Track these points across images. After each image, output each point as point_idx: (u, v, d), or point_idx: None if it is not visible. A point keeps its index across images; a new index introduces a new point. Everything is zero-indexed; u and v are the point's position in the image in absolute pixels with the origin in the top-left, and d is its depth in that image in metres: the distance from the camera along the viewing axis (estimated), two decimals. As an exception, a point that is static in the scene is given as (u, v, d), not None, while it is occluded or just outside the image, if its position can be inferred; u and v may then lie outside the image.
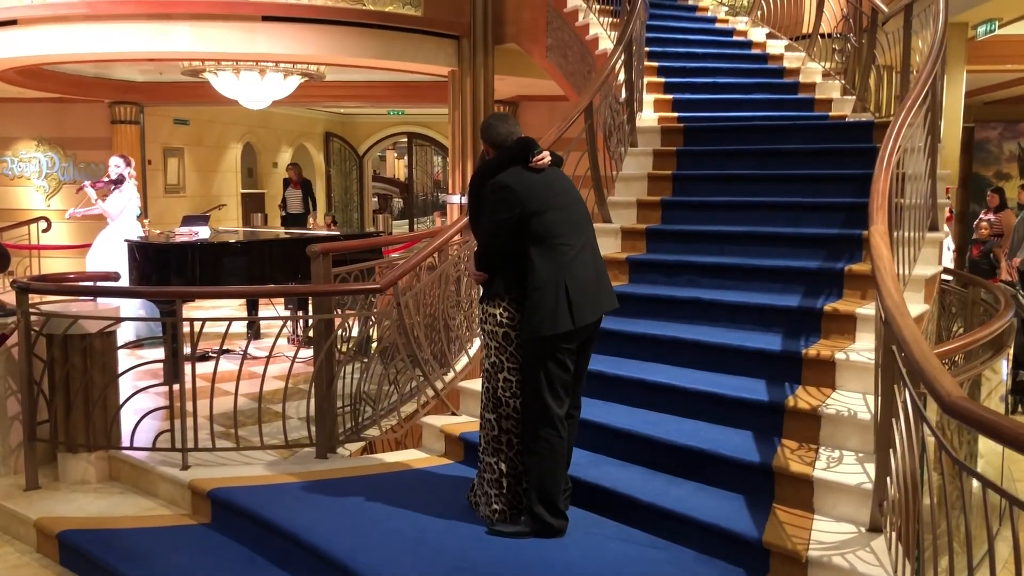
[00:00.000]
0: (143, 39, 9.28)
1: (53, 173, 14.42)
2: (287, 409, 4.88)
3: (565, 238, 3.60)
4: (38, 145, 14.36)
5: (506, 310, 3.69)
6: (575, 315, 3.54)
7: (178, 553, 4.00)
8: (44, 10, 9.31)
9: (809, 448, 3.86)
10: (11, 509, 4.53)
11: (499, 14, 10.39)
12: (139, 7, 9.08)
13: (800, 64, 7.82)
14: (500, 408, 3.73)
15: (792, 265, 5.02)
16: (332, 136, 20.34)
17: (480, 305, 3.83)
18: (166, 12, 9.11)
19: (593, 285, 3.67)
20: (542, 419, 3.59)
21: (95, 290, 5.40)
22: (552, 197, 3.62)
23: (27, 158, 14.38)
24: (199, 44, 9.36)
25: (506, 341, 3.69)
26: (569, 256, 3.59)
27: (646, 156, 6.47)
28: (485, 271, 3.73)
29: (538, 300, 3.54)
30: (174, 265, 7.47)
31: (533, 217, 3.55)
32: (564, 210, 3.65)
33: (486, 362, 3.78)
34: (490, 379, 3.76)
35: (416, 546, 3.60)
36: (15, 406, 4.96)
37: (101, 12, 9.15)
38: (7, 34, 9.67)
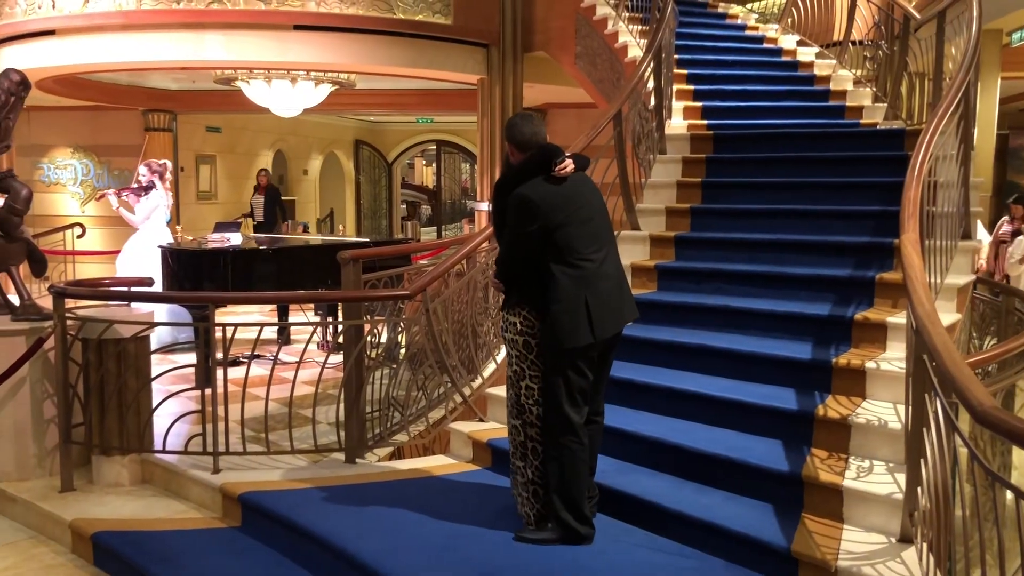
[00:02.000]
0: (177, 48, 9.41)
1: (88, 180, 14.64)
2: (317, 414, 4.92)
3: (587, 252, 3.58)
4: (73, 152, 14.59)
5: (526, 319, 3.69)
6: (596, 329, 3.54)
7: (209, 556, 4.05)
8: (81, 20, 9.47)
9: (839, 458, 3.83)
10: (47, 510, 4.61)
11: (528, 22, 10.43)
12: (173, 17, 9.22)
13: (831, 71, 7.77)
14: (524, 415, 3.74)
15: (822, 273, 4.99)
16: (362, 144, 20.48)
17: (501, 313, 3.84)
18: (199, 21, 9.24)
19: (615, 298, 3.67)
20: (562, 427, 3.60)
21: (129, 295, 5.48)
22: (575, 210, 3.59)
23: (63, 165, 14.61)
24: (232, 53, 9.48)
25: (526, 349, 3.70)
26: (591, 270, 3.58)
27: (675, 163, 6.46)
28: (505, 280, 3.74)
29: (558, 313, 3.54)
30: (207, 271, 7.56)
31: (555, 231, 3.53)
32: (588, 223, 3.62)
33: (509, 370, 3.80)
34: (513, 386, 3.78)
35: (444, 552, 3.61)
36: (51, 409, 5.05)
37: (136, 22, 9.29)
38: (45, 44, 9.86)
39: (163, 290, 7.57)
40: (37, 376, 5.03)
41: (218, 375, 4.72)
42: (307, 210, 18.74)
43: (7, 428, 4.99)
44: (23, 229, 5.40)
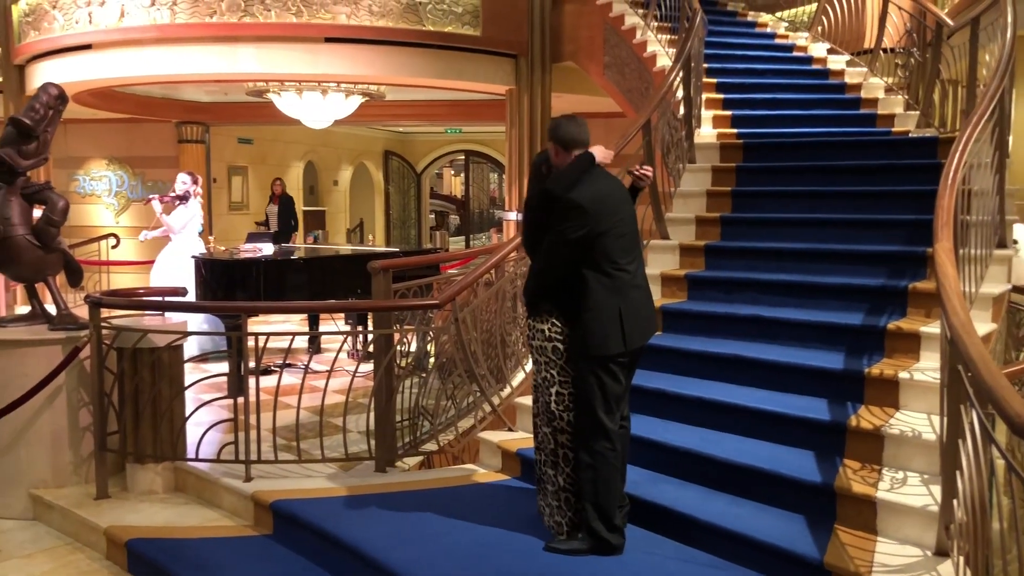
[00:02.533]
0: (210, 61, 9.54)
1: (122, 191, 14.87)
2: (347, 423, 4.95)
3: (623, 262, 3.61)
4: (108, 164, 14.82)
5: (554, 325, 3.70)
6: (627, 338, 3.57)
7: (241, 564, 4.08)
8: (117, 34, 9.63)
9: (872, 469, 3.79)
10: (82, 517, 4.67)
11: (557, 33, 10.46)
12: (207, 30, 9.34)
13: (862, 79, 7.72)
14: (554, 422, 3.74)
15: (854, 283, 4.95)
16: (391, 154, 20.61)
17: (527, 321, 3.84)
18: (232, 35, 9.35)
19: (645, 308, 3.72)
20: (596, 433, 3.60)
21: (163, 305, 5.55)
22: (617, 221, 3.61)
23: (98, 176, 14.85)
24: (264, 65, 9.59)
25: (556, 355, 3.71)
26: (625, 280, 3.61)
27: (705, 172, 6.44)
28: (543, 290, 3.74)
29: (591, 321, 3.56)
30: (239, 281, 7.64)
31: (597, 238, 3.55)
32: (626, 235, 3.65)
33: (537, 377, 3.80)
34: (542, 393, 3.77)
35: (474, 562, 3.62)
36: (87, 417, 5.12)
37: (170, 35, 9.43)
38: (82, 58, 10.04)
39: (196, 300, 7.65)
40: (73, 385, 5.11)
41: (250, 384, 4.77)
42: (337, 220, 18.89)
43: (44, 436, 5.06)
44: (60, 240, 5.49)
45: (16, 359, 5.03)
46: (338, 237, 18.19)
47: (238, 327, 4.95)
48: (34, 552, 4.57)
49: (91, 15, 9.74)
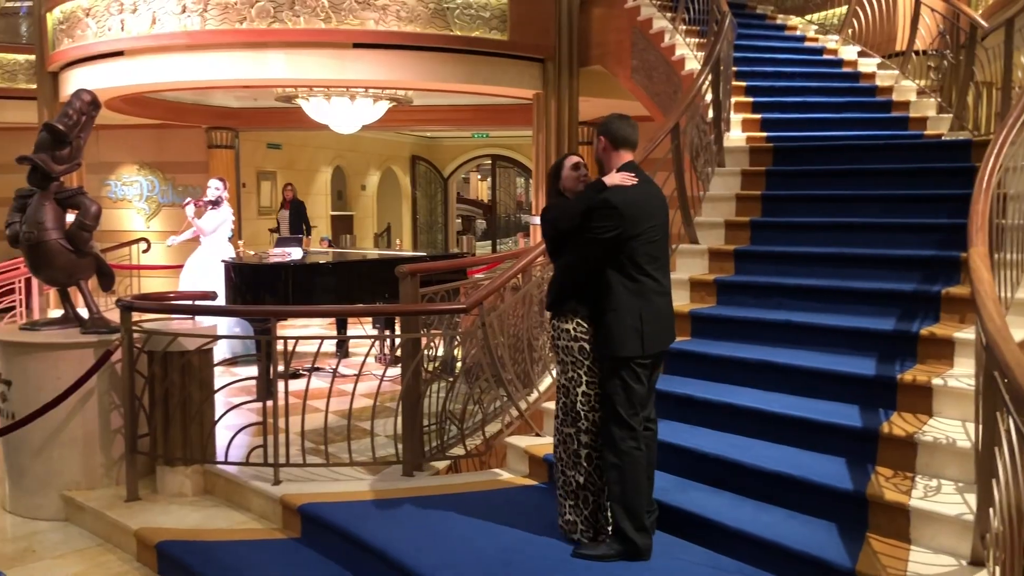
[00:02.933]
0: (240, 67, 9.62)
1: (153, 196, 15.02)
2: (375, 427, 4.96)
3: (650, 268, 3.63)
4: (139, 169, 14.99)
5: (579, 324, 3.72)
6: (646, 342, 3.58)
7: (269, 567, 4.10)
8: (148, 41, 9.75)
9: (905, 476, 3.74)
10: (113, 519, 4.72)
11: (584, 37, 10.44)
12: (236, 36, 9.43)
13: (893, 82, 7.64)
14: (579, 422, 3.75)
15: (886, 288, 4.89)
16: (418, 159, 20.68)
17: (552, 322, 3.84)
18: (262, 41, 9.43)
19: (667, 315, 3.73)
20: (622, 433, 3.60)
21: (193, 309, 5.60)
22: (649, 227, 3.62)
23: (129, 181, 15.02)
24: (293, 71, 9.66)
25: (582, 355, 3.71)
26: (649, 286, 3.63)
27: (734, 176, 6.39)
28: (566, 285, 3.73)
29: (613, 322, 3.59)
30: (268, 285, 7.68)
31: (627, 242, 3.56)
32: (656, 241, 3.66)
33: (562, 378, 3.82)
34: (568, 394, 3.78)
35: (502, 567, 3.61)
36: (118, 420, 5.17)
37: (201, 42, 9.52)
38: (114, 65, 10.17)
39: (226, 304, 7.70)
40: (105, 388, 5.16)
41: (279, 387, 4.79)
42: (365, 225, 18.98)
43: (76, 438, 5.12)
44: (92, 244, 5.55)
45: (49, 362, 5.09)
46: (366, 242, 18.27)
47: (267, 331, 4.97)
48: (66, 553, 4.62)
49: (123, 22, 9.87)
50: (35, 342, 5.21)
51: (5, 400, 5.24)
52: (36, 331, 5.42)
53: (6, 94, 12.84)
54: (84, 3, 10.30)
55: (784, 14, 10.39)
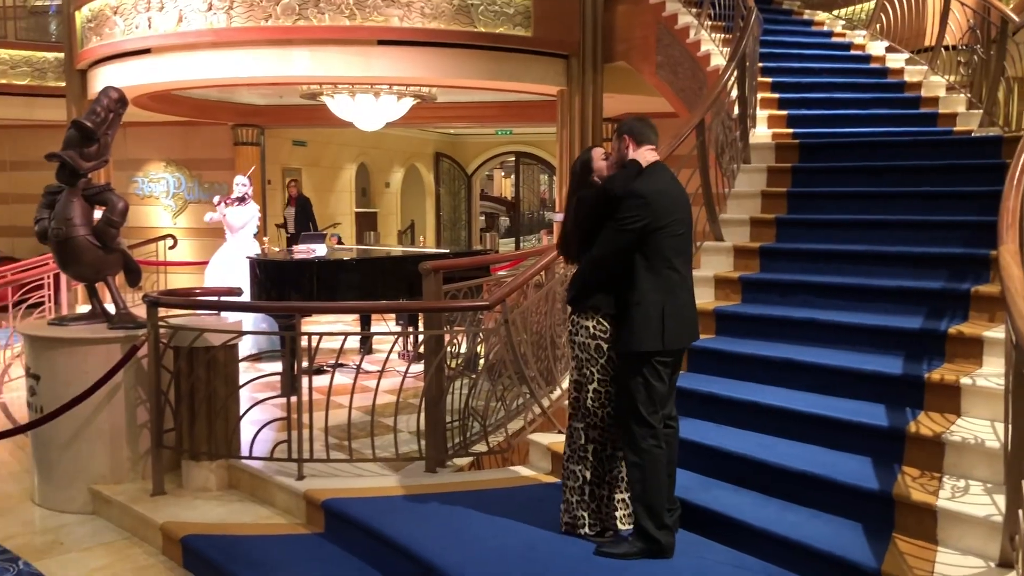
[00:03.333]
0: (265, 64, 9.68)
1: (180, 193, 15.16)
2: (398, 423, 4.97)
3: (676, 263, 3.63)
4: (166, 166, 15.13)
5: (599, 323, 3.71)
6: (666, 337, 3.57)
7: (293, 561, 4.12)
8: (175, 39, 9.83)
9: (932, 476, 3.70)
10: (139, 512, 4.76)
11: (609, 33, 10.40)
12: (262, 34, 9.48)
13: (922, 78, 7.55)
14: (588, 418, 3.75)
15: (913, 286, 4.84)
16: (442, 156, 20.72)
17: (571, 317, 3.84)
18: (287, 38, 9.49)
19: (689, 311, 3.72)
20: (642, 431, 3.59)
21: (219, 304, 5.64)
22: (673, 221, 3.61)
23: (156, 178, 15.16)
24: (318, 68, 9.70)
25: (597, 353, 3.71)
26: (674, 280, 3.62)
27: (760, 173, 6.35)
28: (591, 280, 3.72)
29: (637, 316, 3.58)
30: (292, 281, 7.73)
31: (652, 234, 3.55)
32: (681, 237, 3.66)
33: (575, 373, 3.82)
34: (579, 390, 3.78)
35: (524, 564, 3.61)
36: (144, 415, 5.22)
37: (226, 39, 9.59)
38: (142, 63, 10.26)
39: (251, 300, 7.75)
40: (131, 382, 5.21)
41: (303, 383, 4.81)
42: (388, 222, 19.04)
43: (103, 432, 5.17)
44: (119, 240, 5.60)
45: (77, 357, 5.15)
46: (389, 238, 18.33)
47: (291, 327, 4.99)
48: (93, 546, 4.67)
49: (150, 20, 9.96)
50: (63, 337, 5.26)
51: (34, 394, 5.30)
52: (64, 326, 5.48)
53: (36, 92, 13.01)
54: (112, 1, 10.40)
55: (811, 9, 10.29)
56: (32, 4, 14.69)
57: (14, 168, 15.17)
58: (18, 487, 5.60)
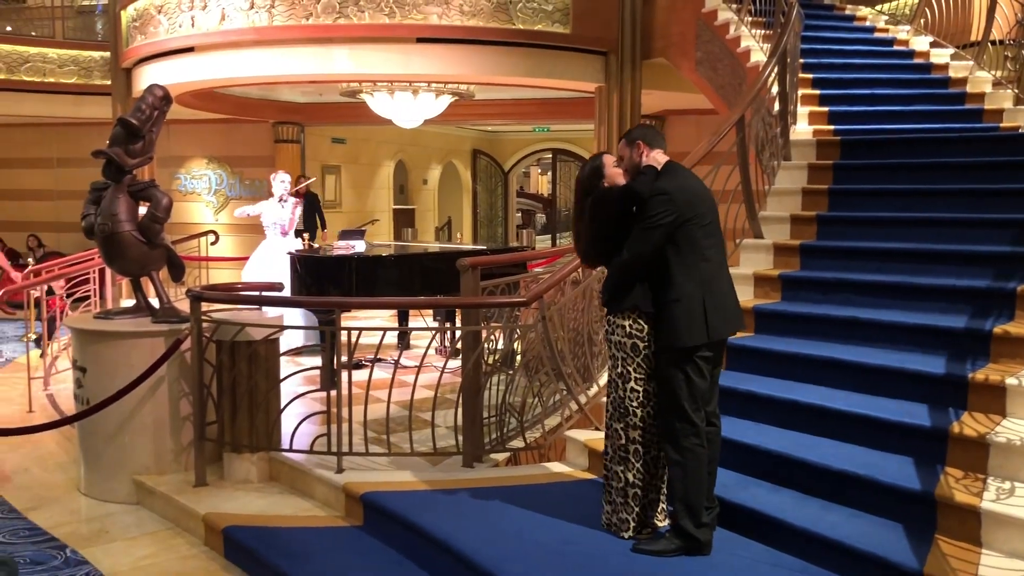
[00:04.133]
0: (306, 62, 9.77)
1: (221, 189, 15.34)
2: (435, 418, 5.01)
3: (708, 252, 3.64)
4: (208, 163, 15.32)
5: (636, 321, 3.71)
6: (710, 329, 3.57)
7: (332, 554, 4.17)
8: (218, 37, 9.95)
9: (976, 478, 3.64)
10: (182, 503, 4.85)
11: (647, 29, 10.35)
12: (303, 32, 9.57)
13: (967, 73, 7.42)
14: (627, 418, 3.74)
15: (957, 284, 4.76)
16: (479, 153, 20.76)
17: (607, 316, 3.83)
18: (327, 36, 9.55)
19: (730, 300, 3.74)
20: (684, 429, 3.58)
21: (261, 299, 5.71)
22: (699, 212, 3.63)
23: (198, 175, 15.36)
24: (357, 66, 9.76)
25: (634, 351, 3.71)
26: (709, 271, 3.63)
27: (800, 170, 6.29)
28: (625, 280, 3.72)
29: (678, 312, 3.58)
30: (332, 277, 7.80)
31: (682, 226, 3.57)
32: (709, 224, 3.68)
33: (613, 372, 3.81)
34: (617, 389, 3.78)
35: (560, 560, 3.61)
36: (187, 407, 5.31)
37: (268, 38, 9.69)
38: (185, 61, 10.41)
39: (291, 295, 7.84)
40: (175, 376, 5.30)
41: (342, 378, 4.86)
42: (426, 219, 19.13)
43: (147, 424, 5.27)
44: (163, 236, 5.69)
45: (122, 350, 5.25)
46: (427, 235, 18.41)
47: (331, 322, 5.04)
48: (138, 536, 4.77)
49: (194, 19, 10.09)
50: (109, 331, 5.37)
51: (81, 386, 5.41)
52: (109, 320, 5.59)
53: (82, 90, 13.25)
54: (157, 0, 10.55)
55: (853, 4, 10.16)
56: (79, 4, 14.97)
57: (61, 165, 15.48)
58: (65, 477, 5.73)
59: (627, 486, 3.76)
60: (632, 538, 3.75)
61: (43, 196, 15.50)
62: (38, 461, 6.10)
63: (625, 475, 3.76)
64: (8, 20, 14.91)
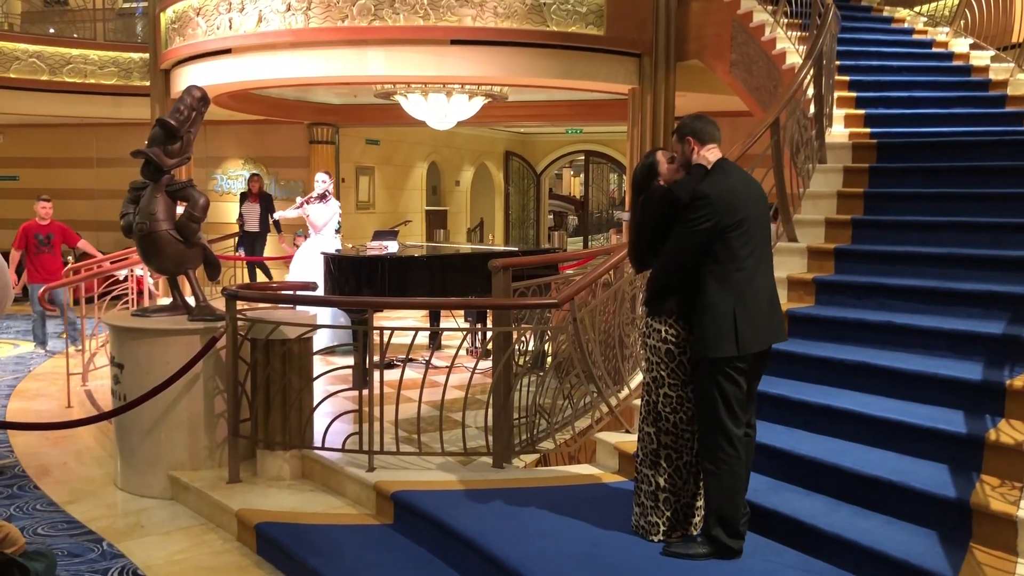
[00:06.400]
0: (341, 64, 9.85)
1: (256, 190, 15.50)
2: (466, 418, 5.03)
3: (749, 262, 3.54)
4: (244, 163, 15.50)
5: (672, 326, 3.67)
6: (740, 343, 3.49)
7: (363, 551, 4.21)
8: (255, 39, 10.07)
9: (1013, 486, 3.59)
10: (216, 499, 4.91)
11: (682, 31, 10.31)
12: (338, 34, 9.65)
13: (1008, 75, 7.31)
14: (660, 423, 3.72)
15: (995, 290, 4.70)
16: (512, 155, 20.79)
17: (644, 319, 3.81)
18: (362, 38, 9.63)
19: (764, 315, 3.59)
20: (720, 439, 3.54)
21: (295, 298, 5.77)
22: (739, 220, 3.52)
23: (234, 175, 15.55)
24: (392, 68, 9.83)
25: (668, 357, 3.68)
26: (742, 282, 3.53)
27: (836, 173, 6.23)
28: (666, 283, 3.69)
29: (706, 322, 3.52)
30: (365, 277, 7.85)
31: (722, 232, 3.50)
32: (754, 236, 3.57)
33: (647, 376, 3.79)
34: (650, 393, 3.75)
35: (589, 561, 3.61)
36: (221, 404, 5.37)
37: (304, 40, 9.78)
38: (222, 62, 10.54)
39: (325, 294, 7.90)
40: (210, 373, 5.36)
41: (374, 377, 4.89)
42: (458, 220, 19.20)
43: (183, 420, 5.34)
44: (200, 235, 5.76)
45: (159, 347, 5.33)
46: (459, 236, 18.48)
47: (364, 321, 5.08)
48: (172, 530, 4.83)
49: (231, 21, 10.22)
50: (146, 328, 5.45)
51: (118, 382, 5.50)
52: (146, 317, 5.67)
53: (122, 91, 13.46)
54: (195, 3, 10.70)
55: (891, 6, 10.05)
56: (120, 6, 15.21)
57: (100, 165, 15.75)
58: (102, 471, 5.83)
59: (658, 490, 3.74)
60: (661, 541, 3.74)
61: (83, 195, 15.76)
62: (76, 456, 6.21)
63: (656, 479, 3.75)
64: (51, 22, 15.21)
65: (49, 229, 9.99)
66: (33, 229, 9.92)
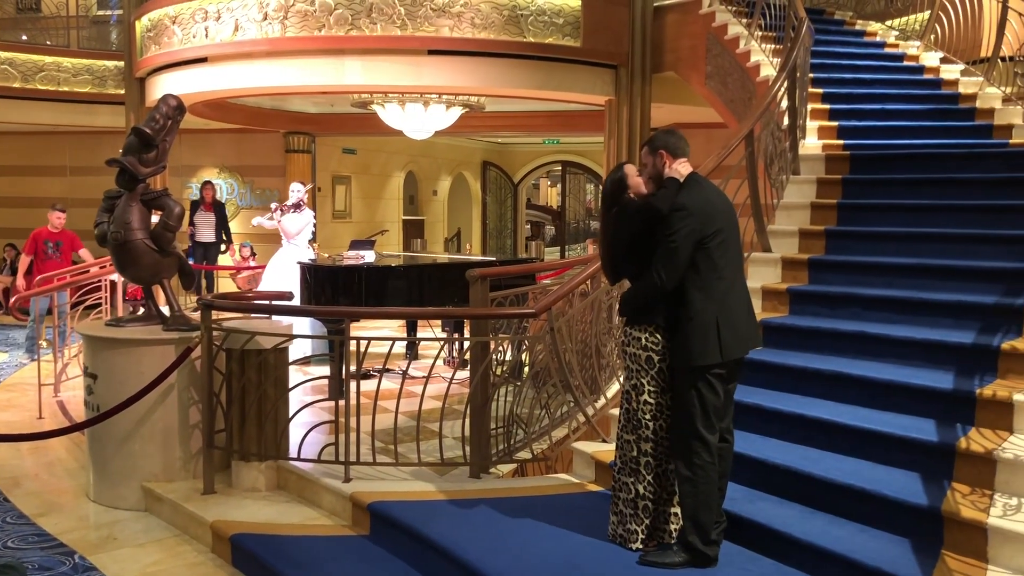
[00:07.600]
0: (318, 73, 9.83)
1: (232, 199, 15.44)
2: (443, 428, 5.02)
3: (724, 270, 3.61)
4: (220, 172, 15.42)
5: (652, 335, 3.71)
6: (724, 349, 3.55)
7: (339, 563, 4.18)
8: (231, 48, 10.03)
9: (983, 494, 3.64)
10: (190, 511, 4.86)
11: (658, 43, 10.40)
12: (315, 43, 9.64)
13: (977, 89, 7.43)
14: (639, 430, 3.75)
15: (966, 300, 4.76)
16: (489, 165, 20.83)
17: (624, 328, 3.84)
18: (339, 48, 9.62)
19: (744, 320, 3.69)
20: (696, 446, 3.57)
21: (270, 308, 5.74)
22: (717, 230, 3.59)
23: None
24: (369, 77, 9.83)
25: (648, 365, 3.71)
26: (723, 290, 3.61)
27: (809, 184, 6.30)
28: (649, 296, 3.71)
29: (691, 331, 3.57)
30: (342, 286, 7.83)
31: (701, 242, 3.55)
32: (729, 246, 3.65)
33: (627, 384, 3.82)
34: (630, 401, 3.78)
35: (566, 570, 3.62)
36: (196, 415, 5.33)
37: (281, 48, 9.77)
38: (198, 71, 10.49)
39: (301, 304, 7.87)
40: (184, 383, 5.32)
41: (351, 387, 4.88)
42: (436, 229, 19.19)
43: (156, 432, 5.29)
44: (175, 244, 5.73)
45: (133, 357, 5.28)
46: (436, 246, 18.47)
47: (340, 331, 5.07)
48: (146, 542, 4.78)
49: (207, 30, 10.18)
50: (120, 338, 5.40)
51: (91, 393, 5.44)
52: (120, 327, 5.62)
53: (96, 99, 13.38)
54: (171, 11, 10.65)
55: (863, 20, 10.18)
56: (94, 14, 15.10)
57: (75, 173, 15.60)
58: (74, 483, 5.76)
59: (637, 498, 3.76)
60: (640, 549, 3.75)
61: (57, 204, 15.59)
62: (47, 467, 6.14)
63: (636, 487, 3.76)
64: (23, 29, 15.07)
65: (59, 237, 10.16)
66: (43, 236, 10.12)
